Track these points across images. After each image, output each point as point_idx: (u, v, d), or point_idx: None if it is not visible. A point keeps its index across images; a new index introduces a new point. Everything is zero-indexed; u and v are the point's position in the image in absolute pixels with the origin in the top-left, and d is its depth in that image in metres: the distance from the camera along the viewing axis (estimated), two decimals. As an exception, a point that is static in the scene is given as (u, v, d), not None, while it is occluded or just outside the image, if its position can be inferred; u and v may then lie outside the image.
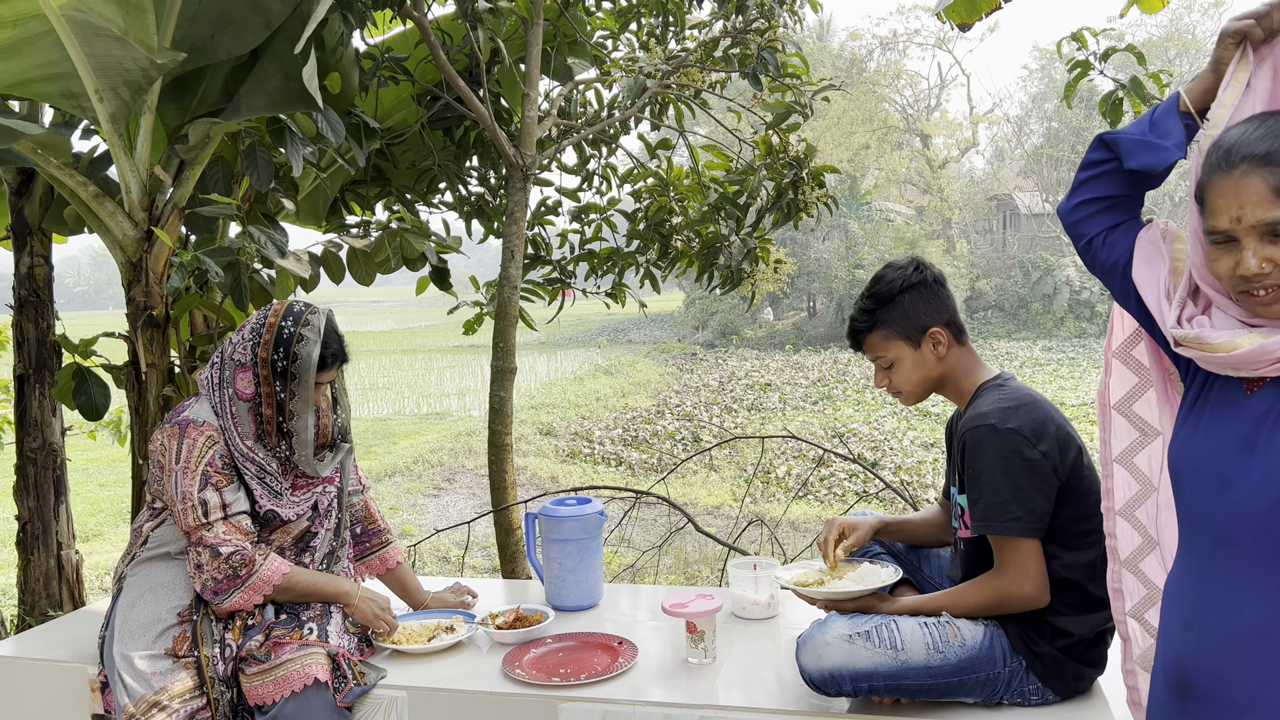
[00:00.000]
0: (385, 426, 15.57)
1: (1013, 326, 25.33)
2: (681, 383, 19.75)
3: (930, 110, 30.92)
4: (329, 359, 2.26)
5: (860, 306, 2.06)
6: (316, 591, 2.24)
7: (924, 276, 2.03)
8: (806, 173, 4.26)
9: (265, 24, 3.17)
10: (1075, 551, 1.85)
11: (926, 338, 2.00)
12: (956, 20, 4.55)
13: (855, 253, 26.77)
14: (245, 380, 2.22)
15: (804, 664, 1.83)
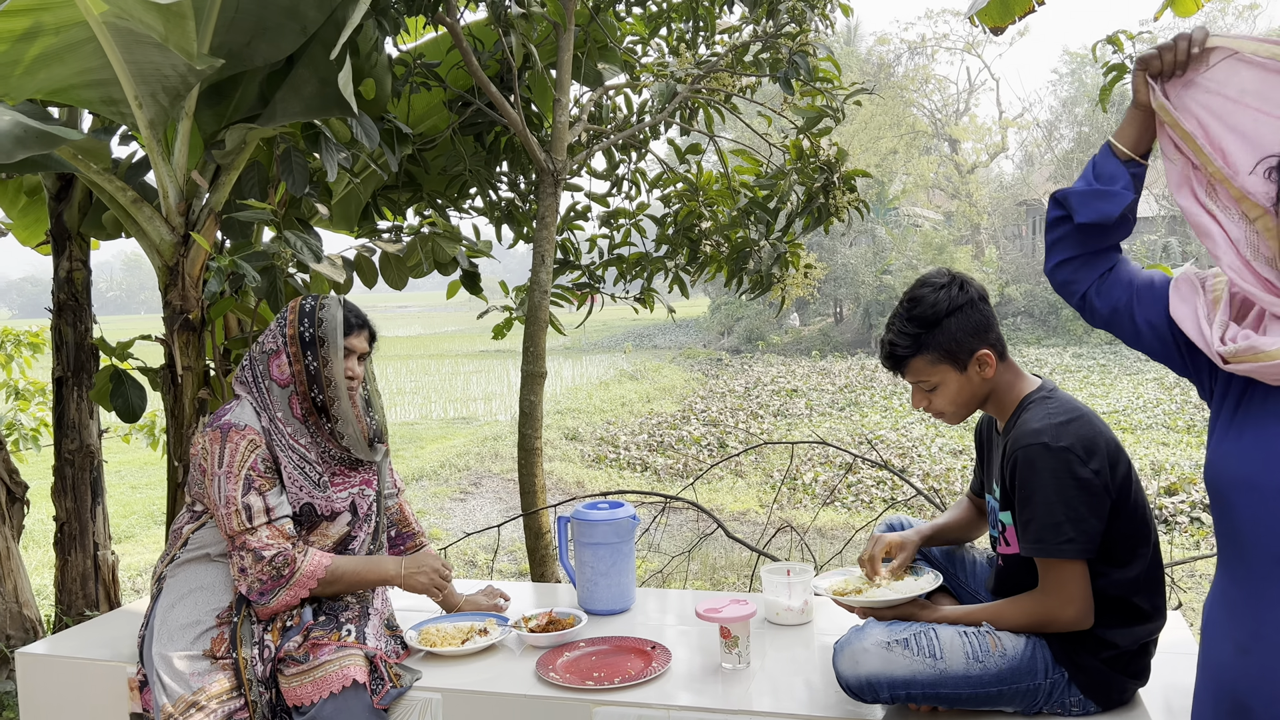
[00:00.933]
0: (412, 431, 15.66)
1: (1042, 333, 25.08)
2: (707, 388, 19.72)
3: (959, 115, 30.71)
4: (353, 321, 2.31)
5: (901, 330, 1.94)
6: (362, 578, 2.26)
7: (969, 296, 1.93)
8: (838, 177, 4.24)
9: (301, 30, 3.21)
10: (1123, 568, 1.81)
11: (974, 360, 1.92)
12: (989, 24, 4.52)
13: (882, 258, 26.63)
14: (279, 365, 2.26)
15: (841, 670, 1.81)
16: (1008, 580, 1.95)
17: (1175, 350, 1.46)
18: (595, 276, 4.92)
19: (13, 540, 3.94)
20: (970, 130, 29.63)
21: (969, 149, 29.87)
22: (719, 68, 4.29)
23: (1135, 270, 1.55)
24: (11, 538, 3.93)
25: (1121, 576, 1.81)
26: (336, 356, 2.25)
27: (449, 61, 4.11)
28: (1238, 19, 27.42)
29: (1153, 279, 1.52)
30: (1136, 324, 1.49)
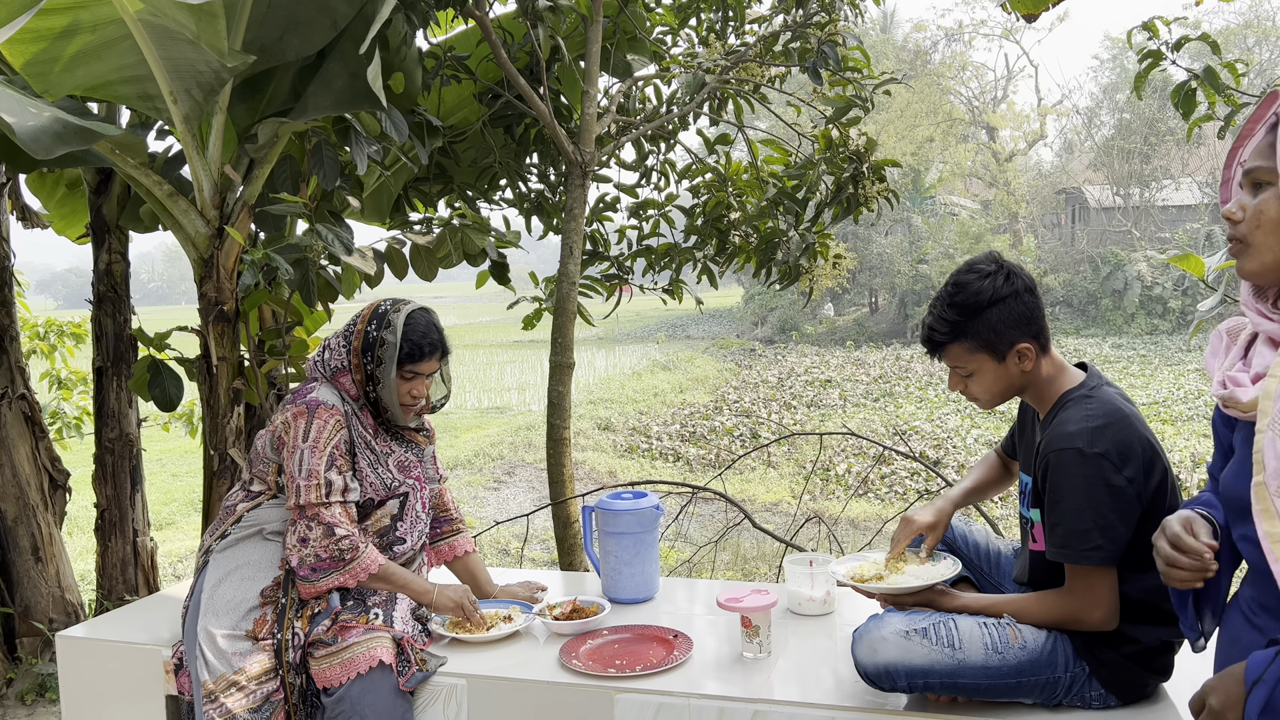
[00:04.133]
0: (447, 420, 15.81)
1: (1081, 323, 24.73)
2: (740, 379, 19.68)
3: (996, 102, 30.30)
4: (425, 348, 2.34)
5: (941, 315, 1.90)
6: (402, 586, 2.31)
7: (1015, 287, 1.87)
8: (867, 166, 4.22)
9: (331, 25, 3.24)
10: (1150, 573, 1.78)
11: (1013, 352, 1.88)
12: (1022, 10, 4.46)
13: (918, 247, 26.38)
14: (345, 382, 2.34)
15: (859, 658, 1.82)
16: (1037, 575, 1.92)
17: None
18: (624, 268, 4.93)
19: (55, 526, 4.04)
20: (1008, 118, 29.23)
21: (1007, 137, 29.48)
22: (747, 58, 4.28)
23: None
24: (54, 524, 4.04)
25: (1148, 582, 1.78)
26: (390, 390, 2.31)
27: (479, 54, 4.14)
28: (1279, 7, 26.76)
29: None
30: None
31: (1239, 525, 1.32)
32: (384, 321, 2.33)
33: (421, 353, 2.32)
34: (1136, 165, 26.57)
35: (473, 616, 2.33)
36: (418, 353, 2.32)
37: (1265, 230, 1.27)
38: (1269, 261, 1.28)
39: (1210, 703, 1.20)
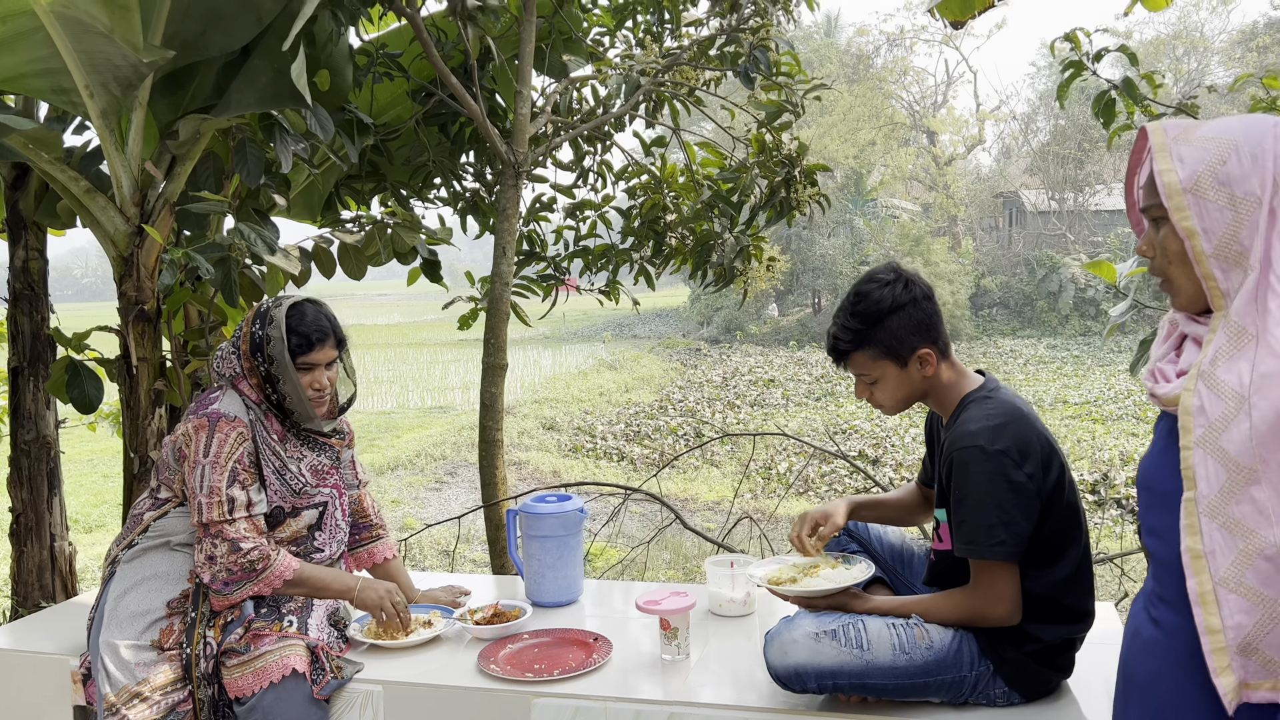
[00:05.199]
0: (389, 420, 15.62)
1: (1018, 324, 25.26)
2: (685, 378, 19.75)
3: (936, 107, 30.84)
4: (313, 337, 2.29)
5: (844, 324, 1.96)
6: (323, 586, 2.28)
7: (913, 295, 1.94)
8: (799, 171, 4.26)
9: (256, 20, 3.19)
10: (1051, 568, 1.84)
11: (915, 358, 1.94)
12: (949, 18, 4.55)
13: (860, 249, 26.72)
14: (246, 387, 2.29)
15: (770, 660, 1.84)
16: (941, 574, 1.98)
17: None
18: (561, 268, 4.93)
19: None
20: (948, 122, 29.76)
21: (946, 141, 30.01)
22: (681, 61, 4.30)
23: None
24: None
25: (1049, 577, 1.84)
26: (294, 385, 2.26)
27: (412, 52, 4.10)
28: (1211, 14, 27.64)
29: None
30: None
31: (1149, 516, 1.35)
32: (267, 319, 2.28)
33: (310, 342, 2.27)
34: (1071, 170, 27.21)
35: (396, 617, 2.30)
36: (306, 343, 2.27)
37: (1175, 264, 1.31)
38: (1191, 293, 1.32)
39: None
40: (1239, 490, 1.19)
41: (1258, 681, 1.19)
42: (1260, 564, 1.18)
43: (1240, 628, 1.19)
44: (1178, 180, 1.25)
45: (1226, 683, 1.19)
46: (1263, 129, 1.24)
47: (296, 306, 2.31)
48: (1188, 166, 1.25)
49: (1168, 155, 1.27)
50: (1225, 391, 1.21)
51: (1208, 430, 1.22)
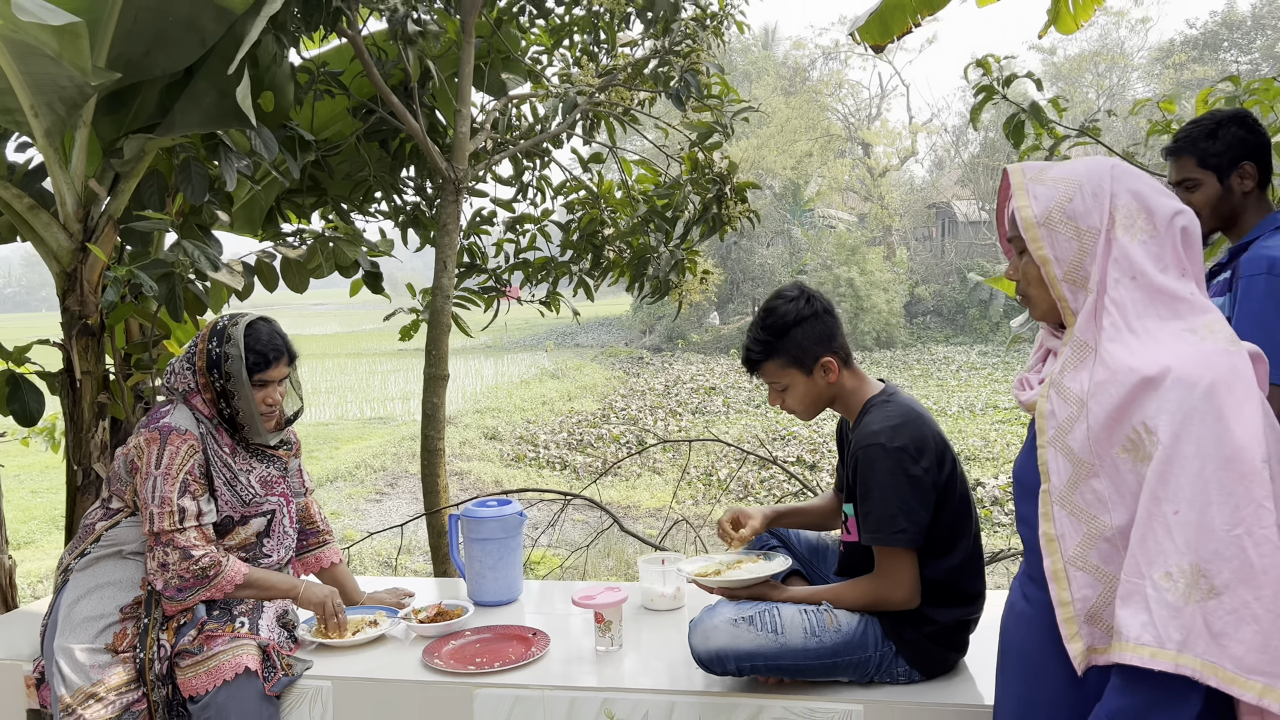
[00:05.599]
0: (328, 431, 15.50)
1: (950, 331, 25.94)
2: (628, 386, 19.91)
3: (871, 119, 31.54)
4: (270, 356, 2.39)
5: (755, 337, 2.16)
6: (270, 588, 2.38)
7: (815, 309, 2.14)
8: (730, 188, 4.45)
9: (200, 42, 3.27)
10: (947, 556, 2.03)
11: (818, 366, 2.13)
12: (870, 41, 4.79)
13: (798, 258, 27.20)
14: (199, 402, 2.37)
15: (694, 645, 2.00)
16: (850, 564, 2.17)
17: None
18: (501, 280, 5.05)
19: (-95, 546, 3.89)
20: (882, 135, 30.47)
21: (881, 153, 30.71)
22: (616, 81, 4.46)
23: None
24: (-97, 544, 3.89)
25: (945, 564, 2.03)
26: (248, 401, 2.36)
27: (353, 69, 4.19)
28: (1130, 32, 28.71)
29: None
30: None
31: (1020, 506, 1.54)
32: (224, 337, 2.37)
33: (267, 360, 2.38)
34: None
35: (333, 618, 2.41)
36: (264, 361, 2.37)
37: (1034, 286, 1.51)
38: (1045, 309, 1.52)
39: None
40: (1082, 482, 1.38)
41: (1103, 647, 1.38)
42: (1101, 544, 1.37)
43: (1086, 600, 1.38)
44: (1033, 215, 1.45)
45: (1076, 649, 1.38)
46: (1102, 171, 1.44)
47: (252, 325, 2.41)
48: (1041, 203, 1.44)
49: (1025, 193, 1.46)
50: (1070, 397, 1.40)
51: (1057, 431, 1.41)
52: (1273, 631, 1.23)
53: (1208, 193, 2.28)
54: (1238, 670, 1.23)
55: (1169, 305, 1.38)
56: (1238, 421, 1.26)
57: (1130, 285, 1.39)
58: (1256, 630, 1.23)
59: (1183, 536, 1.26)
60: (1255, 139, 2.25)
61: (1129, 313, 1.38)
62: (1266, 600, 1.23)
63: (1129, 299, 1.38)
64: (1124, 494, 1.34)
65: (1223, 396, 1.27)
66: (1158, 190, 1.43)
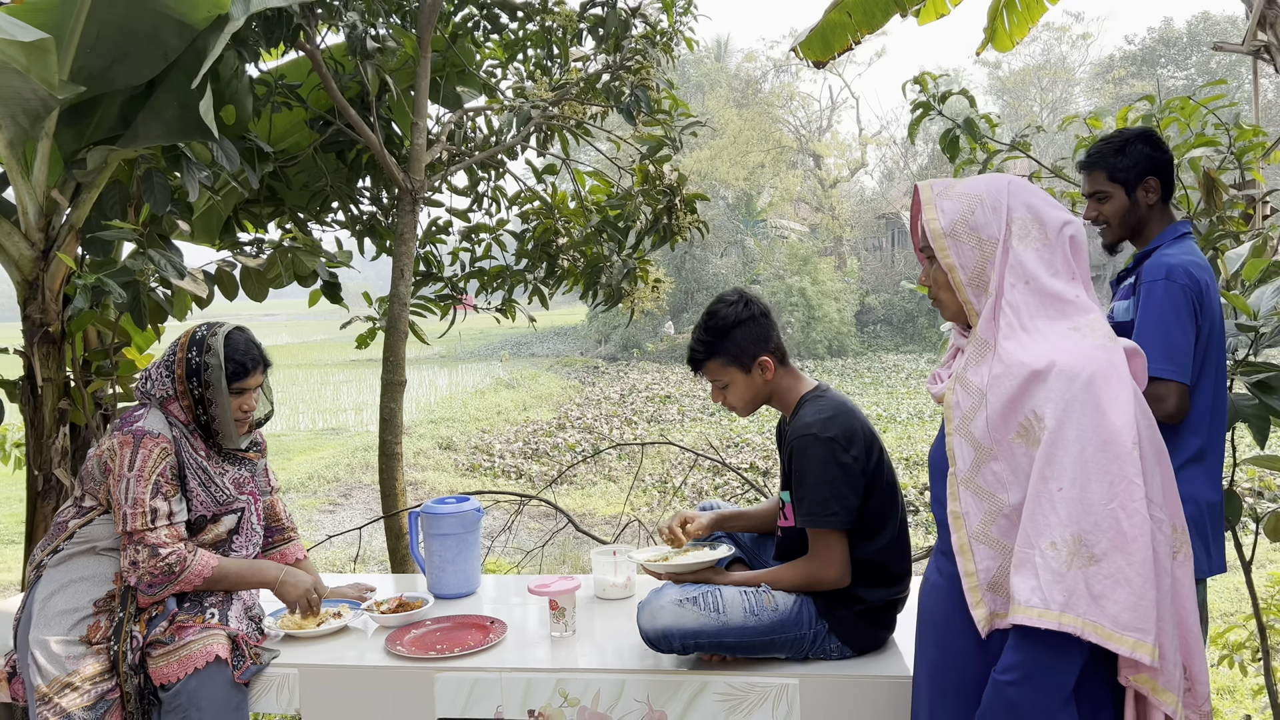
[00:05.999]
0: (280, 443, 15.40)
1: (900, 340, 26.42)
2: (583, 395, 20.02)
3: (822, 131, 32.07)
4: (248, 365, 2.50)
5: (698, 339, 2.34)
6: (244, 580, 2.46)
7: (752, 312, 2.33)
8: (679, 199, 4.62)
9: (162, 56, 3.35)
10: (876, 538, 2.21)
11: (756, 365, 2.32)
12: (812, 57, 5.00)
13: (751, 268, 27.54)
14: (175, 409, 2.47)
15: (641, 624, 2.15)
16: (788, 548, 2.33)
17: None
18: (458, 288, 5.15)
19: None
20: (832, 146, 31.00)
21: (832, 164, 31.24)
22: (569, 95, 4.61)
23: None
24: None
25: (874, 545, 2.21)
26: (224, 409, 2.46)
27: (310, 82, 4.29)
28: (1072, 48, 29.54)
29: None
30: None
31: (934, 487, 1.71)
32: (204, 346, 2.47)
33: (246, 370, 2.49)
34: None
35: (314, 609, 2.51)
36: (242, 370, 2.48)
37: (943, 290, 1.69)
38: (954, 311, 1.70)
39: None
40: (983, 465, 1.55)
41: (1003, 612, 1.54)
42: (1000, 520, 1.54)
43: (988, 570, 1.54)
44: (940, 227, 1.62)
45: (980, 614, 1.55)
46: (1000, 187, 1.62)
47: (229, 334, 2.51)
48: (947, 216, 1.62)
49: (933, 207, 1.63)
50: (972, 389, 1.57)
51: (961, 420, 1.58)
52: (1143, 592, 1.40)
53: (1116, 204, 2.48)
54: (1114, 627, 1.40)
55: (1057, 306, 1.55)
56: (1113, 408, 1.44)
57: (1024, 289, 1.56)
58: (1129, 592, 1.40)
59: (1066, 510, 1.43)
60: (1160, 156, 2.47)
61: (1022, 313, 1.55)
62: (1137, 565, 1.40)
63: (1022, 301, 1.56)
64: (1019, 475, 1.51)
65: (1100, 387, 1.45)
66: (1049, 203, 1.61)
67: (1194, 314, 2.24)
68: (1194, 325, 2.24)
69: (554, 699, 2.22)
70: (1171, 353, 2.21)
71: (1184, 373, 2.21)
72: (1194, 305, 2.24)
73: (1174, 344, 2.21)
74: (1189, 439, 2.26)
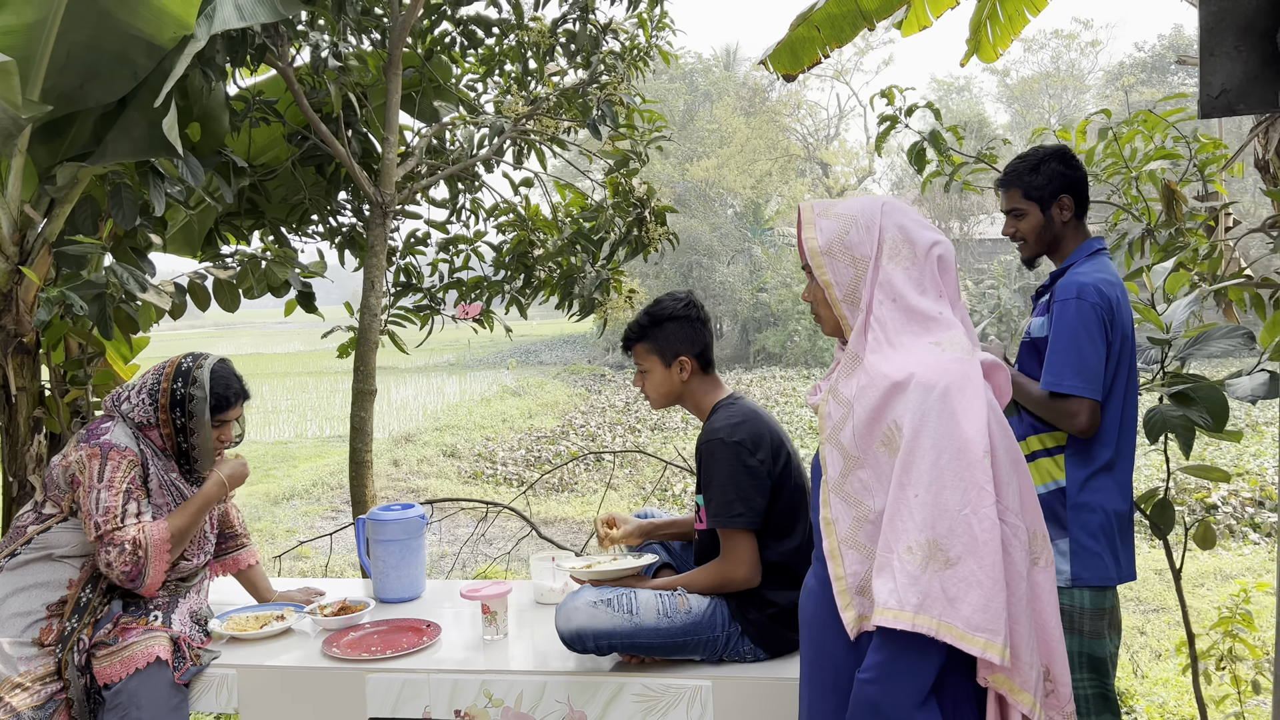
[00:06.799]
0: (286, 450, 15.54)
1: (908, 347, 26.32)
2: (588, 403, 20.08)
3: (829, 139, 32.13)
4: (230, 398, 2.60)
5: (637, 321, 2.47)
6: (198, 517, 2.54)
7: (690, 313, 2.43)
8: (649, 211, 4.70)
9: (131, 75, 3.46)
10: (784, 540, 2.28)
11: (676, 361, 2.41)
12: (781, 70, 5.07)
13: (759, 276, 27.57)
14: (154, 435, 2.56)
15: (558, 625, 2.23)
16: (704, 550, 2.41)
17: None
18: (436, 299, 5.25)
19: None
20: (840, 154, 31.03)
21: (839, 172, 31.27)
22: (540, 111, 4.70)
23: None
24: None
25: (783, 547, 2.28)
26: (205, 439, 2.56)
27: (289, 97, 4.40)
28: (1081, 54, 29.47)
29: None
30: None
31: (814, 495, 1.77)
32: (189, 378, 2.56)
33: (228, 402, 2.60)
34: (955, 200, 28.64)
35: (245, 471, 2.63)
36: (225, 403, 2.59)
37: (821, 305, 1.76)
38: (832, 326, 1.77)
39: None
40: (851, 472, 1.62)
41: (870, 615, 1.61)
42: (867, 526, 1.60)
43: (857, 574, 1.61)
44: (818, 245, 1.69)
45: (849, 617, 1.62)
46: (874, 208, 1.69)
47: (215, 368, 2.61)
48: (824, 235, 1.69)
49: (812, 226, 1.70)
50: (842, 400, 1.64)
51: (832, 429, 1.65)
52: (993, 594, 1.46)
53: (1032, 221, 2.54)
54: (966, 628, 1.46)
55: (922, 323, 1.62)
56: (966, 418, 1.51)
57: (891, 306, 1.63)
58: (980, 594, 1.46)
59: (921, 516, 1.50)
60: (1073, 174, 2.53)
61: (889, 329, 1.62)
62: (987, 568, 1.47)
63: (889, 317, 1.63)
64: (883, 482, 1.58)
65: (955, 397, 1.52)
66: (920, 224, 1.68)
67: (1104, 330, 2.30)
68: (1105, 342, 2.30)
69: (479, 699, 2.29)
70: (1083, 370, 2.27)
71: (1095, 389, 2.27)
72: (1104, 322, 2.30)
73: (1085, 361, 2.27)
74: (1099, 450, 2.32)
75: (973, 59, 5.93)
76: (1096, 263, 2.43)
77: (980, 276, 27.42)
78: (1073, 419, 2.27)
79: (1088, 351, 2.28)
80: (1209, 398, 2.41)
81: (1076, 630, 2.30)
